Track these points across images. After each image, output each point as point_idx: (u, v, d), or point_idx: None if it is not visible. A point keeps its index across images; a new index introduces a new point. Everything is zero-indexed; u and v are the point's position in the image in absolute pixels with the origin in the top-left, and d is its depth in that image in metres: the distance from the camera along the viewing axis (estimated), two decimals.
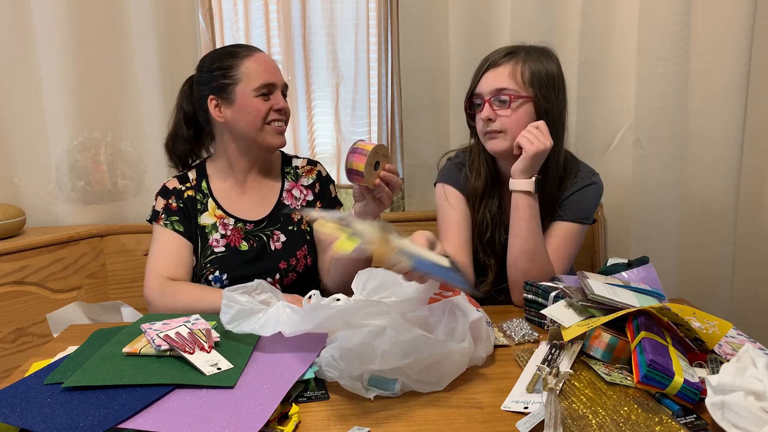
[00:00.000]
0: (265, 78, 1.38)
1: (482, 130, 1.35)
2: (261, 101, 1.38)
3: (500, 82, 1.31)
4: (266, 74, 1.39)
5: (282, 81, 1.42)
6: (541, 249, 1.29)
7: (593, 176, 1.39)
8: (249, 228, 1.44)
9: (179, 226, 1.41)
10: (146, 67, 1.78)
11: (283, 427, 0.83)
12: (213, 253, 1.40)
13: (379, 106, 1.97)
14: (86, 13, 1.73)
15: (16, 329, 1.61)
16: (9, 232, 1.66)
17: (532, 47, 1.35)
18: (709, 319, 0.98)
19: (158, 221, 1.42)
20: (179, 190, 1.45)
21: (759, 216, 1.92)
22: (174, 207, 1.42)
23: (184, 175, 1.47)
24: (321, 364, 0.96)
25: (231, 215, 1.44)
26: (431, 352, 0.92)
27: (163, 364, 0.96)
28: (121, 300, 1.50)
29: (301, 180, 1.52)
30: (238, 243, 1.42)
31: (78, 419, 0.82)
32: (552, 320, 1.07)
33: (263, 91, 1.38)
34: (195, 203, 1.44)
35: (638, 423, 0.81)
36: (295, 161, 1.55)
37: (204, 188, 1.46)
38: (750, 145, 1.86)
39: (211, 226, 1.42)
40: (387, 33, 1.93)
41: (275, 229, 1.45)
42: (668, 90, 1.80)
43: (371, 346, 0.90)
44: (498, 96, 1.31)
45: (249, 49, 1.42)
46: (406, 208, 1.99)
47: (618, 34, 1.81)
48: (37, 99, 1.77)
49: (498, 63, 1.33)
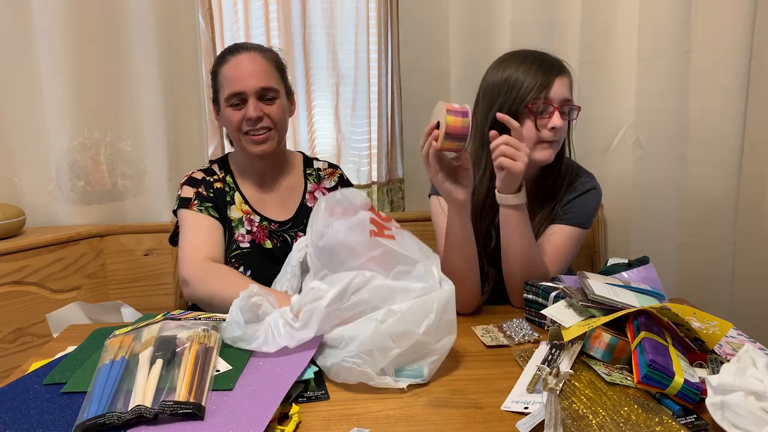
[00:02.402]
0: (233, 87, 1.34)
1: (544, 138, 1.27)
2: (233, 111, 1.35)
3: (568, 92, 1.29)
4: (234, 83, 1.34)
5: (255, 87, 1.34)
6: (537, 254, 1.29)
7: (593, 181, 1.39)
8: (273, 228, 1.43)
9: (213, 212, 1.38)
10: (146, 67, 1.78)
11: (284, 427, 0.83)
12: (238, 248, 1.39)
13: (379, 106, 1.97)
14: (86, 13, 1.74)
15: (16, 329, 1.61)
16: (9, 232, 1.66)
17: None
18: (709, 319, 0.98)
19: (190, 207, 1.38)
20: (208, 180, 1.43)
21: (759, 216, 1.92)
22: (206, 195, 1.40)
23: (209, 169, 1.46)
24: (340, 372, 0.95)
25: (257, 212, 1.43)
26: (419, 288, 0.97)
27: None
28: (121, 300, 1.49)
29: (323, 182, 1.51)
30: (263, 241, 1.41)
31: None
32: (552, 320, 1.06)
33: (233, 101, 1.35)
34: (224, 195, 1.42)
35: (638, 423, 0.81)
36: (316, 163, 1.54)
37: (230, 182, 1.45)
38: (750, 145, 1.86)
39: (237, 221, 1.41)
40: (387, 33, 1.93)
41: (299, 230, 1.45)
42: (668, 90, 1.80)
43: (381, 331, 0.92)
44: (564, 106, 1.27)
45: (231, 53, 1.38)
46: (406, 208, 1.99)
47: (618, 34, 1.81)
48: (37, 99, 1.77)
49: (561, 73, 1.29)
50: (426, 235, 1.94)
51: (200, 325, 1.02)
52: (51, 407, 0.87)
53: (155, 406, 0.82)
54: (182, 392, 0.85)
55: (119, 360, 0.93)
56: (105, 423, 0.80)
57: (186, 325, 1.02)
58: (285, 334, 0.99)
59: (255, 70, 1.35)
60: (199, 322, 1.05)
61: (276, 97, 1.38)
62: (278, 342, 0.99)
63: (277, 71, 1.40)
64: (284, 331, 0.99)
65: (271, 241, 1.42)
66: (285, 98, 1.42)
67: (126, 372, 0.90)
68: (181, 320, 1.06)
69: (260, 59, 1.37)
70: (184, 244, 1.34)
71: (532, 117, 1.27)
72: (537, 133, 1.27)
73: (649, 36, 1.77)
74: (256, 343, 1.00)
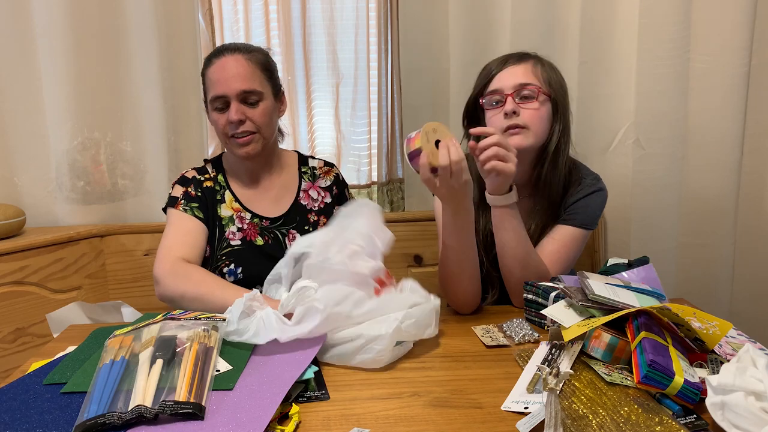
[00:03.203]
0: (215, 90, 1.34)
1: (502, 126, 1.29)
2: (217, 114, 1.35)
3: (523, 77, 1.29)
4: (217, 86, 1.34)
5: (236, 90, 1.32)
6: (533, 253, 1.29)
7: (598, 182, 1.39)
8: (265, 224, 1.44)
9: (198, 213, 1.39)
10: (146, 67, 1.78)
11: (284, 427, 0.83)
12: (229, 245, 1.40)
13: (379, 106, 1.97)
14: (86, 13, 1.74)
15: (16, 329, 1.61)
16: (9, 232, 1.66)
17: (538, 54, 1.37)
18: (710, 319, 0.98)
19: (176, 206, 1.39)
20: (198, 179, 1.44)
21: (759, 216, 1.92)
22: (194, 194, 1.41)
23: (202, 168, 1.48)
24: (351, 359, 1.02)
25: (248, 210, 1.44)
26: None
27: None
28: (121, 300, 1.49)
29: (318, 181, 1.52)
30: (254, 237, 1.42)
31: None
32: (552, 320, 1.06)
33: (216, 105, 1.35)
34: (214, 194, 1.43)
35: (638, 423, 0.81)
36: (311, 161, 1.54)
37: (221, 181, 1.45)
38: (750, 145, 1.86)
39: (228, 219, 1.42)
40: (387, 33, 1.93)
41: (291, 228, 1.45)
42: (668, 90, 1.80)
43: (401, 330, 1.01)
44: (521, 91, 1.29)
45: (216, 55, 1.37)
46: (406, 207, 1.99)
47: (618, 34, 1.81)
48: (37, 99, 1.77)
49: (516, 62, 1.31)
50: (426, 235, 1.95)
51: (200, 325, 1.02)
52: (51, 407, 0.87)
53: (155, 406, 0.82)
54: (182, 392, 0.86)
55: (119, 360, 0.93)
56: (105, 423, 0.80)
57: (186, 325, 1.03)
58: (277, 327, 1.00)
59: (237, 72, 1.33)
60: (199, 322, 1.05)
61: (259, 100, 1.36)
62: (269, 334, 1.00)
63: (263, 72, 1.38)
64: (276, 325, 1.01)
65: (262, 238, 1.42)
66: (272, 99, 1.40)
67: (126, 372, 0.90)
68: (181, 320, 1.06)
69: (243, 61, 1.35)
70: (163, 243, 1.34)
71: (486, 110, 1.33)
72: (501, 122, 1.30)
73: (649, 36, 1.77)
74: (247, 335, 1.02)
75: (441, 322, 1.23)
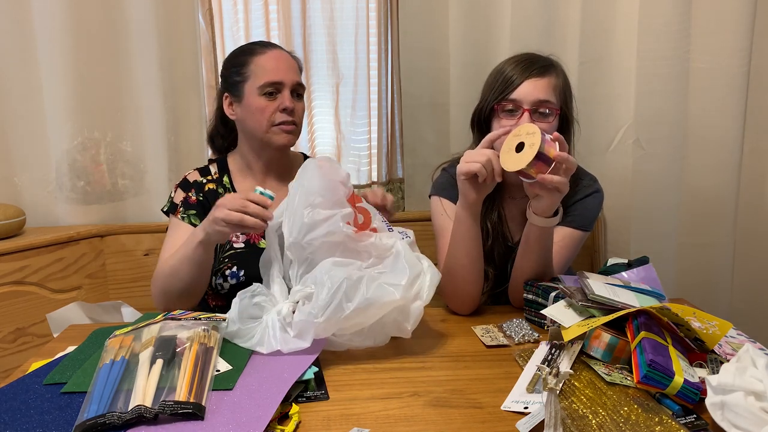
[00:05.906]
0: (271, 76, 1.36)
1: None
2: (265, 100, 1.36)
3: (544, 93, 1.27)
4: (273, 73, 1.37)
5: (293, 80, 1.39)
6: (551, 266, 1.28)
7: (595, 183, 1.39)
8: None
9: (195, 220, 1.38)
10: (146, 67, 1.78)
11: (284, 427, 0.83)
12: (232, 248, 1.39)
13: (379, 106, 1.97)
14: (86, 13, 1.73)
15: (16, 329, 1.61)
16: (9, 232, 1.66)
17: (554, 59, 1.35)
18: (709, 319, 0.98)
19: (176, 214, 1.40)
20: (200, 183, 1.44)
21: (759, 216, 1.92)
22: (193, 200, 1.41)
23: (205, 168, 1.47)
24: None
25: None
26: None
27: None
28: (121, 300, 1.50)
29: None
30: (257, 240, 1.41)
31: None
32: (552, 320, 1.06)
33: (268, 90, 1.36)
34: (216, 196, 1.42)
35: (638, 423, 0.81)
36: None
37: (226, 183, 1.45)
38: (750, 145, 1.86)
39: None
40: (387, 33, 1.92)
41: None
42: (668, 90, 1.80)
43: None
44: (539, 107, 1.27)
45: (265, 47, 1.41)
46: (406, 208, 1.99)
47: (618, 34, 1.81)
48: (37, 99, 1.77)
49: (539, 75, 1.28)
50: (426, 235, 1.95)
51: (200, 325, 1.02)
52: (51, 407, 0.87)
53: (155, 406, 0.82)
54: (182, 392, 0.86)
55: (119, 360, 0.93)
56: (105, 423, 0.80)
57: (186, 325, 1.03)
58: (280, 338, 1.02)
59: (291, 65, 1.41)
60: (199, 322, 1.05)
61: (303, 96, 1.44)
62: (272, 344, 1.02)
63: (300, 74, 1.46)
64: (279, 336, 1.02)
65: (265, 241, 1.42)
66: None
67: (126, 372, 0.90)
68: (181, 320, 1.06)
69: (291, 59, 1.43)
70: (161, 255, 1.35)
71: (499, 117, 1.29)
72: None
73: (649, 36, 1.76)
74: (251, 341, 1.03)
75: (441, 322, 1.24)
